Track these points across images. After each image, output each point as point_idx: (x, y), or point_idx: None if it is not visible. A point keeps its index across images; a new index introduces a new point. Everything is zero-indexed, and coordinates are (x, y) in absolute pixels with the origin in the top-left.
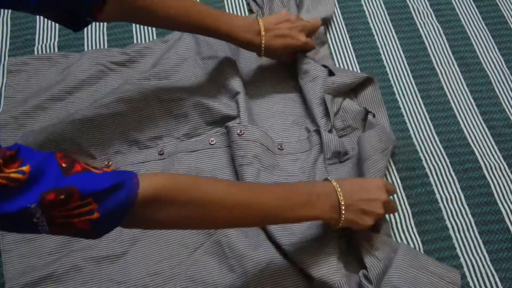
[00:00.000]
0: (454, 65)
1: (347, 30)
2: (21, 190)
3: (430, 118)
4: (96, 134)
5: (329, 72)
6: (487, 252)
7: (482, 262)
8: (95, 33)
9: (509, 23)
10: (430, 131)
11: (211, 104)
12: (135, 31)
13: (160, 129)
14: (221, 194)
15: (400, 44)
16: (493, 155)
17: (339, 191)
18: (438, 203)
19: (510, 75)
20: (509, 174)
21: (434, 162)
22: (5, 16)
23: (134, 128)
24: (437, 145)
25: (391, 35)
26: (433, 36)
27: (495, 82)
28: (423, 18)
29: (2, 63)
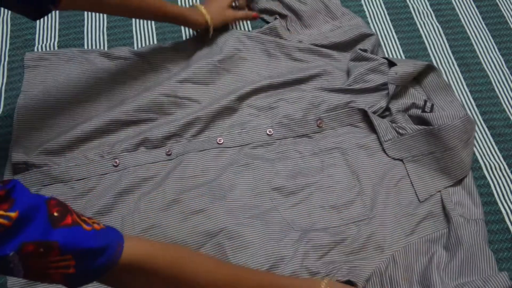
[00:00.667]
0: (454, 65)
1: None
2: (3, 237)
3: None
4: (107, 137)
5: (389, 64)
6: None
7: None
8: (95, 33)
9: (509, 23)
10: None
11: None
12: (135, 31)
13: (169, 130)
14: (203, 277)
15: (400, 44)
16: (493, 155)
17: None
18: None
19: (510, 75)
20: (509, 174)
21: None
22: (5, 16)
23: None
24: None
25: (391, 35)
26: (433, 36)
27: (495, 82)
28: (423, 18)
29: (2, 63)
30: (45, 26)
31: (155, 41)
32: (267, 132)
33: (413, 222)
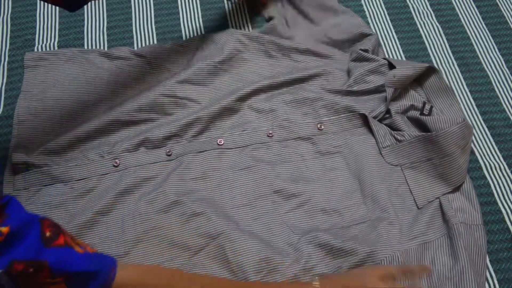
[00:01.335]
0: (454, 65)
1: None
2: None
3: None
4: (107, 137)
5: (389, 65)
6: (487, 253)
7: None
8: (95, 33)
9: (509, 23)
10: None
11: (226, 108)
12: (135, 31)
13: (170, 130)
14: None
15: (400, 44)
16: (493, 155)
17: None
18: None
19: (510, 75)
20: (509, 174)
21: None
22: (5, 16)
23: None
24: None
25: (391, 35)
26: (433, 36)
27: (495, 82)
28: (423, 18)
29: (2, 63)
30: (45, 26)
31: (155, 41)
32: (268, 134)
33: (413, 228)
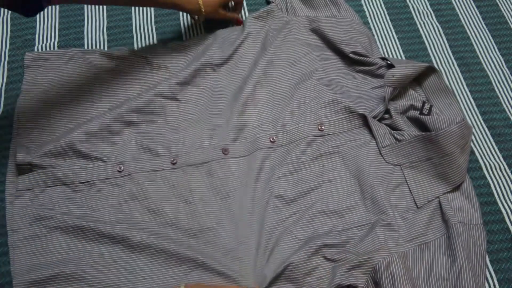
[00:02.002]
0: (454, 65)
1: None
2: None
3: None
4: (110, 139)
5: (388, 65)
6: (487, 253)
7: None
8: (95, 33)
9: (509, 23)
10: None
11: (228, 115)
12: (135, 31)
13: (174, 137)
14: None
15: (400, 44)
16: (493, 155)
17: None
18: None
19: (510, 75)
20: (509, 174)
21: None
22: (5, 16)
23: (149, 135)
24: None
25: (391, 35)
26: (433, 36)
27: (495, 82)
28: (423, 18)
29: (2, 63)
30: (45, 26)
31: (155, 41)
32: (270, 139)
33: (413, 229)
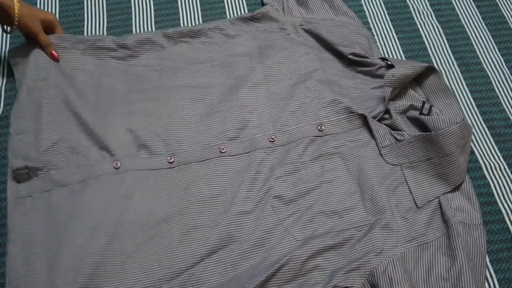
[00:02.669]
0: (454, 65)
1: None
2: None
3: None
4: (106, 136)
5: (388, 66)
6: (487, 253)
7: None
8: (95, 33)
9: (509, 23)
10: None
11: (226, 113)
12: (135, 31)
13: (170, 136)
14: None
15: (400, 44)
16: (493, 155)
17: None
18: None
19: (510, 75)
20: (509, 174)
21: None
22: None
23: (145, 132)
24: None
25: (391, 35)
26: (433, 36)
27: (495, 82)
28: (423, 18)
29: (2, 63)
30: None
31: None
32: (270, 139)
33: (413, 229)
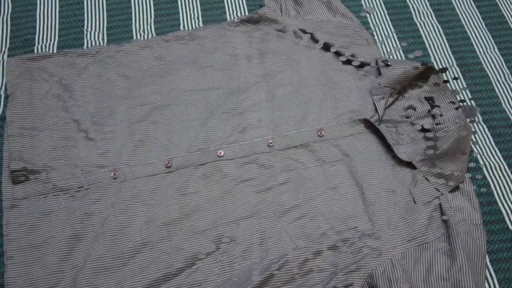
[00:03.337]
0: (454, 65)
1: None
2: None
3: None
4: (105, 145)
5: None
6: (487, 253)
7: None
8: (95, 33)
9: (509, 23)
10: None
11: (225, 116)
12: (135, 32)
13: (168, 141)
14: None
15: (400, 44)
16: (493, 155)
17: None
18: None
19: (510, 75)
20: (509, 174)
21: None
22: (5, 16)
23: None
24: None
25: (391, 35)
26: (433, 36)
27: (495, 82)
28: (423, 18)
29: (2, 63)
30: (45, 26)
31: None
32: (268, 144)
33: (412, 229)
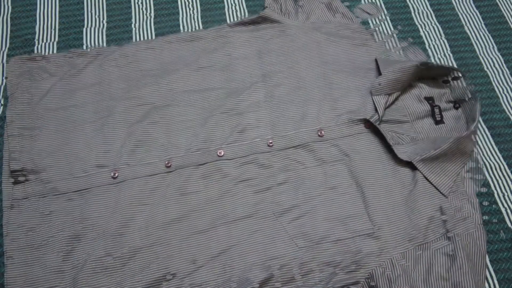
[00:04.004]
0: (454, 65)
1: None
2: None
3: None
4: (105, 145)
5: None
6: (487, 253)
7: None
8: (95, 33)
9: (509, 23)
10: None
11: (226, 117)
12: (135, 32)
13: (168, 141)
14: None
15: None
16: (493, 155)
17: None
18: None
19: (510, 75)
20: (509, 174)
21: None
22: (5, 16)
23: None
24: None
25: (391, 35)
26: (433, 36)
27: (495, 82)
28: (423, 18)
29: (2, 63)
30: (45, 26)
31: None
32: (268, 144)
33: (413, 229)
